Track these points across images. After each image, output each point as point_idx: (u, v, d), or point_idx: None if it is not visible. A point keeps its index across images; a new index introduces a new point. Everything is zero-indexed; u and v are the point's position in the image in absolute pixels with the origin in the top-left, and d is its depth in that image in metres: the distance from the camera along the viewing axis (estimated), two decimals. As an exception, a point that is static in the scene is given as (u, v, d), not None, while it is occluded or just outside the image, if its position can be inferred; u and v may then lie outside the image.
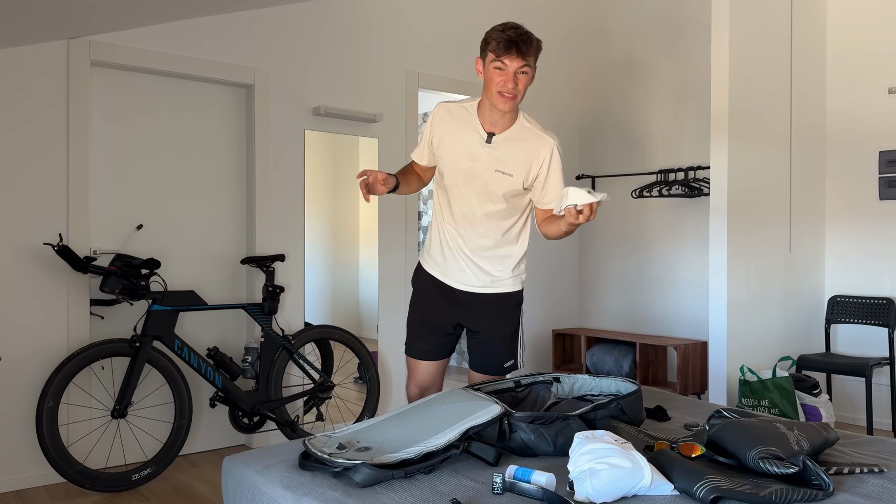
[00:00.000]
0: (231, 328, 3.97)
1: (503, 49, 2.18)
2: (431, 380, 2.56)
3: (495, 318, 2.48)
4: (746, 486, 1.58)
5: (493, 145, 2.34)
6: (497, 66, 2.21)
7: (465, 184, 2.38)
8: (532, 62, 2.23)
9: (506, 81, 2.21)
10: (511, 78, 2.20)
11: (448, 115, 2.40)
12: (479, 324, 2.48)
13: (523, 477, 1.67)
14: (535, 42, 2.23)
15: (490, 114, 2.32)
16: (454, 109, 2.41)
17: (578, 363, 5.22)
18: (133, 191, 3.68)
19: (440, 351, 2.54)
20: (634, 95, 5.05)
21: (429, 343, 2.52)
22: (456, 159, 2.38)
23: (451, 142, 2.38)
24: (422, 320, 2.53)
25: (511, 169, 2.34)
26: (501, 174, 2.34)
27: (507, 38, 2.18)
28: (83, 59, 3.45)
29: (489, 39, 2.23)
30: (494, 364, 2.51)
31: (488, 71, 2.24)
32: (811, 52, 4.49)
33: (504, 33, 2.19)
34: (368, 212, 4.39)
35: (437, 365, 2.55)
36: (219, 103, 3.94)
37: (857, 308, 4.37)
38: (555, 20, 5.28)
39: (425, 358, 2.54)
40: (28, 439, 3.33)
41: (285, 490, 1.74)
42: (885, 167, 4.30)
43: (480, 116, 2.35)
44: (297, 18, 4.08)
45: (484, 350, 2.50)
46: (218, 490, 3.28)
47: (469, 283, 2.46)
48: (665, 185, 4.65)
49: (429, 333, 2.52)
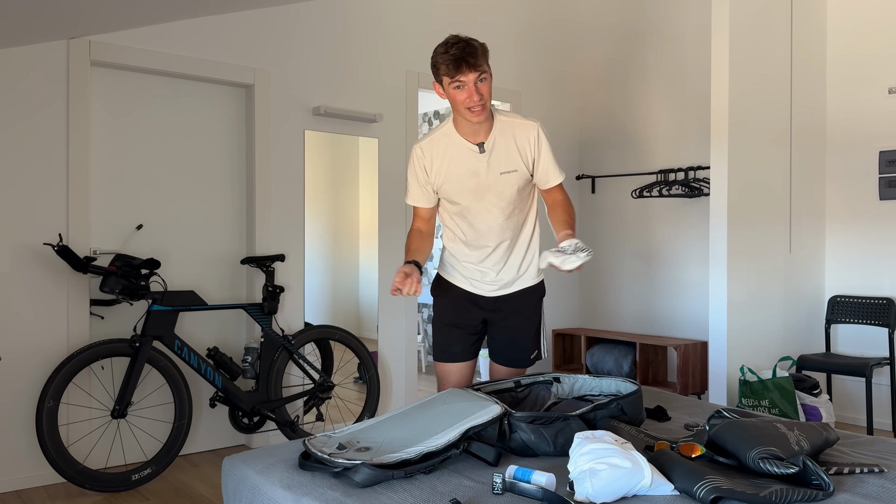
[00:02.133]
0: (231, 328, 3.97)
1: (454, 69, 2.20)
2: (466, 381, 2.60)
3: (522, 313, 2.54)
4: (746, 487, 1.58)
5: (487, 152, 2.37)
6: (456, 86, 2.24)
7: (478, 200, 2.41)
8: (486, 67, 2.25)
9: (470, 95, 2.23)
10: (473, 91, 2.23)
11: (431, 149, 2.42)
12: (508, 319, 2.54)
13: (523, 477, 1.67)
14: (481, 47, 2.25)
15: (469, 126, 2.35)
16: (431, 144, 2.42)
17: (578, 363, 5.22)
18: (133, 191, 3.68)
19: (472, 350, 2.58)
20: (634, 95, 5.05)
21: (463, 343, 2.55)
22: (460, 182, 2.40)
23: (449, 170, 2.40)
24: (452, 324, 2.55)
25: (512, 164, 2.38)
26: (507, 173, 2.38)
27: (454, 57, 2.20)
28: (83, 59, 3.45)
29: (437, 64, 2.24)
30: (521, 356, 2.56)
31: (450, 92, 2.27)
32: (811, 52, 4.49)
33: (448, 54, 2.21)
34: (368, 212, 4.39)
35: (469, 365, 2.60)
36: (219, 103, 3.94)
37: (857, 308, 4.37)
38: (554, 20, 5.27)
39: (460, 360, 2.56)
40: (28, 439, 3.32)
41: (285, 490, 1.74)
42: (885, 167, 4.30)
43: (462, 133, 2.37)
44: (297, 18, 4.08)
45: (510, 342, 2.56)
46: (218, 490, 3.28)
47: (498, 288, 2.51)
48: (665, 185, 4.65)
49: (462, 334, 2.55)
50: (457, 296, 2.54)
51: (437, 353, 2.59)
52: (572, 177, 5.39)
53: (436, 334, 2.60)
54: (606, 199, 5.24)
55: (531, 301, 2.55)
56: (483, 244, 2.46)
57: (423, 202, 2.48)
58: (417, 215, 2.51)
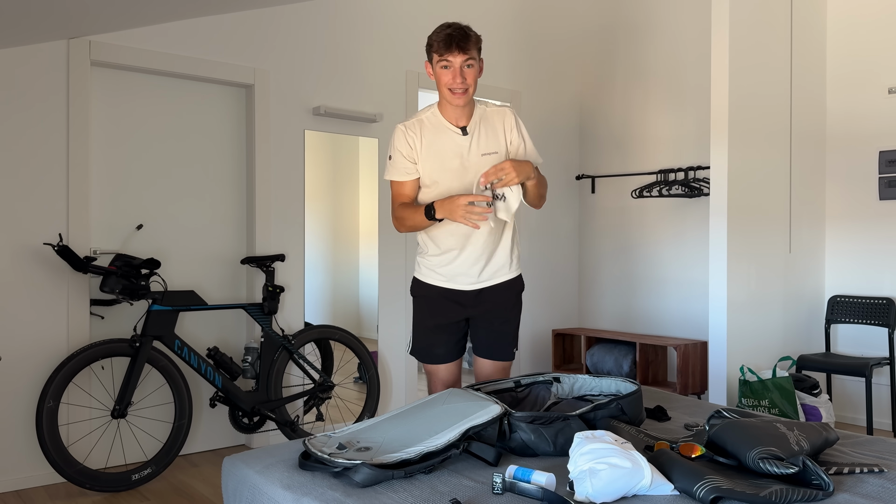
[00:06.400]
0: (231, 328, 3.97)
1: (444, 47, 2.33)
2: (454, 379, 2.62)
3: (504, 306, 2.56)
4: (746, 487, 1.58)
5: (470, 134, 2.46)
6: (443, 65, 2.35)
7: (459, 180, 2.45)
8: (475, 54, 2.37)
9: (454, 77, 2.34)
10: (458, 73, 2.34)
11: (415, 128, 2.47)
12: (491, 313, 2.55)
13: (523, 477, 1.67)
14: (474, 36, 2.37)
15: (453, 111, 2.44)
16: (415, 124, 2.48)
17: (578, 363, 5.22)
18: (133, 191, 3.68)
19: (456, 350, 2.60)
20: (634, 95, 5.05)
21: (445, 346, 2.57)
22: (442, 162, 2.45)
23: (432, 150, 2.45)
24: (435, 326, 2.55)
25: (493, 146, 2.48)
26: (488, 155, 2.46)
27: (447, 36, 2.32)
28: (83, 59, 3.45)
29: (431, 42, 2.38)
30: (505, 349, 2.58)
31: (437, 71, 2.39)
32: (811, 52, 4.49)
33: (442, 33, 2.34)
34: (368, 212, 4.39)
35: (456, 364, 2.61)
36: (219, 103, 3.94)
37: (857, 308, 4.37)
38: (554, 20, 5.28)
39: (444, 361, 2.58)
40: (28, 439, 3.32)
41: (285, 490, 1.74)
42: (885, 167, 4.30)
43: (446, 116, 2.47)
44: (297, 18, 4.08)
45: (493, 337, 2.57)
46: (218, 490, 3.28)
47: (477, 281, 2.52)
48: (665, 185, 4.65)
49: (444, 336, 2.55)
50: (436, 295, 2.54)
51: (420, 355, 2.60)
52: (572, 177, 5.39)
53: (417, 338, 2.60)
54: (606, 199, 5.24)
55: (511, 294, 2.58)
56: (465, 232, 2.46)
57: (406, 176, 2.48)
58: (401, 193, 2.50)
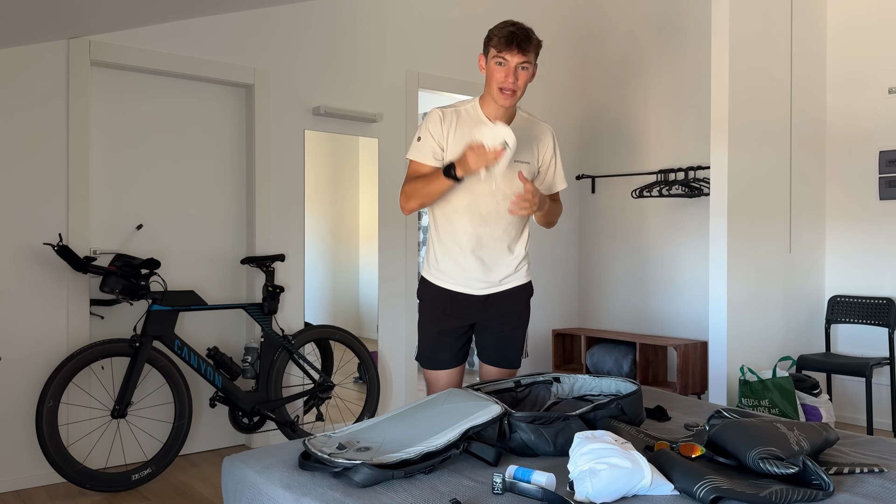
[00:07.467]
0: (231, 328, 3.97)
1: (504, 44, 2.27)
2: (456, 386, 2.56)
3: (513, 312, 2.51)
4: (746, 487, 1.58)
5: None
6: (498, 62, 2.30)
7: (486, 180, 2.37)
8: (532, 59, 2.31)
9: (507, 76, 2.29)
10: (511, 72, 2.28)
11: (453, 116, 2.39)
12: (499, 319, 2.50)
13: (523, 477, 1.67)
14: (535, 40, 2.31)
15: (495, 109, 2.38)
16: (454, 112, 2.41)
17: (578, 363, 5.22)
18: (133, 191, 3.68)
19: (460, 356, 2.54)
20: (634, 95, 5.05)
21: (450, 350, 2.50)
22: None
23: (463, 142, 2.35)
24: (441, 331, 2.49)
25: (526, 157, 2.43)
26: (520, 163, 2.41)
27: (509, 33, 2.27)
28: (83, 59, 3.45)
29: (492, 35, 2.31)
30: (513, 356, 2.54)
31: (490, 66, 2.33)
32: (811, 52, 4.49)
33: (505, 29, 2.28)
34: (368, 212, 4.39)
35: (459, 370, 2.55)
36: (219, 103, 3.94)
37: (857, 308, 4.37)
38: (554, 20, 5.28)
39: (447, 367, 2.52)
40: (28, 439, 3.32)
41: (285, 490, 1.74)
42: (885, 167, 4.30)
43: (486, 112, 2.41)
44: (297, 18, 4.08)
45: (501, 343, 2.52)
46: (218, 490, 3.28)
47: (486, 285, 2.46)
48: (665, 185, 4.65)
49: (449, 341, 2.50)
50: (443, 299, 2.48)
51: (423, 360, 2.54)
52: (572, 177, 5.39)
53: (422, 341, 2.54)
54: (606, 199, 5.24)
55: (521, 300, 2.53)
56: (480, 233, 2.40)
57: (429, 158, 2.38)
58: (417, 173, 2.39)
